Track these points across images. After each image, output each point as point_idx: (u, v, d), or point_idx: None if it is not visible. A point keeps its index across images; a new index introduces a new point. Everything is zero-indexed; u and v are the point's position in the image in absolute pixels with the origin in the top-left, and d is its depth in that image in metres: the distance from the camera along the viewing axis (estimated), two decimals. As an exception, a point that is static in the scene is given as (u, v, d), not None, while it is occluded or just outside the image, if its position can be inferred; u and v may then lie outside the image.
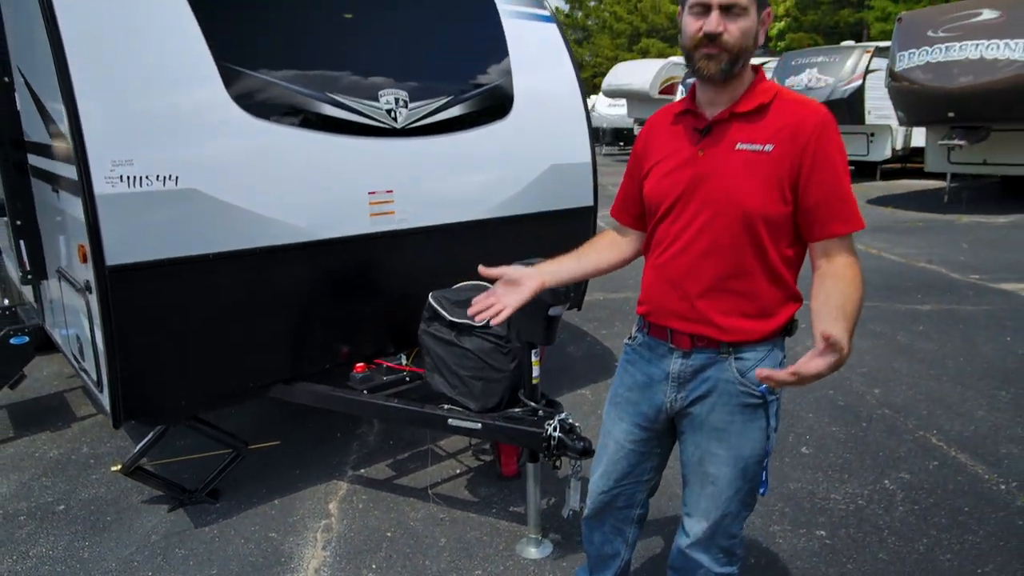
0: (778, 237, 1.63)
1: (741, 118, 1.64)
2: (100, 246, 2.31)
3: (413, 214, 3.11)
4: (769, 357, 1.71)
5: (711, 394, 1.73)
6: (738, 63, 1.59)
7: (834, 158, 1.58)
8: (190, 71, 2.52)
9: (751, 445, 1.73)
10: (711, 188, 1.64)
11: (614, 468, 1.95)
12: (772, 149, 1.58)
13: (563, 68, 3.80)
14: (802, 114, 1.60)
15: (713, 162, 1.64)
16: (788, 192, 1.59)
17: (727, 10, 1.54)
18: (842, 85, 14.82)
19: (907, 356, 4.84)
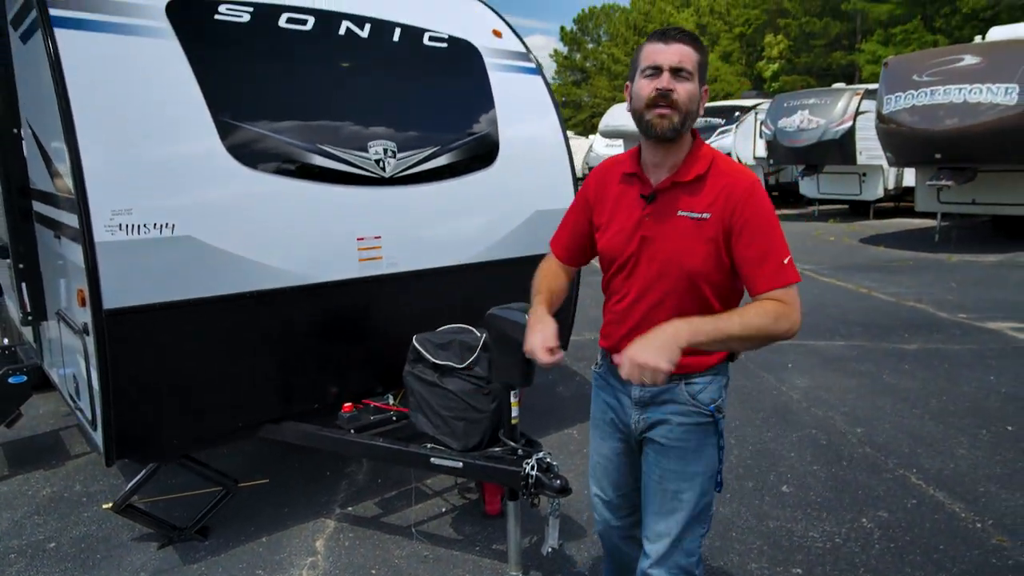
0: (720, 291, 1.84)
1: (682, 187, 1.82)
2: (98, 290, 2.43)
3: (401, 259, 3.24)
4: (715, 381, 1.93)
5: (668, 416, 1.93)
6: (686, 123, 1.77)
7: (763, 220, 1.75)
8: (188, 124, 2.67)
9: (706, 461, 1.93)
10: (657, 250, 1.83)
11: (610, 477, 2.15)
12: (709, 217, 1.78)
13: (548, 118, 3.96)
14: (732, 183, 1.78)
15: (658, 227, 1.84)
16: (724, 254, 1.78)
17: (676, 72, 1.74)
18: (833, 126, 15.13)
19: (891, 395, 4.91)
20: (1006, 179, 11.40)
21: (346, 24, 3.30)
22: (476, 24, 3.94)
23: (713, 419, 1.91)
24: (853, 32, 32.11)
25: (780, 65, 34.95)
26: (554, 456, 2.66)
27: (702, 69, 1.79)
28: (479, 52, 3.79)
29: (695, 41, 1.79)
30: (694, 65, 1.75)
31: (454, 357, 2.83)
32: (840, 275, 9.47)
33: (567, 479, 2.56)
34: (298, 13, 3.14)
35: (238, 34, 2.94)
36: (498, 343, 2.57)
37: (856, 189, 16.25)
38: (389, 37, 3.44)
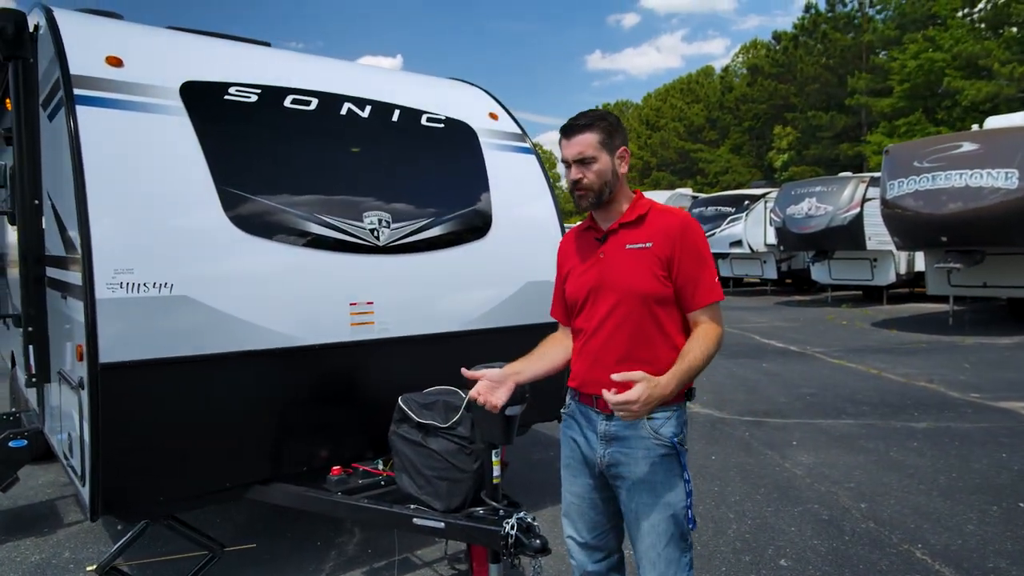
0: (669, 312, 2.07)
1: (627, 226, 2.14)
2: (96, 344, 2.53)
3: (392, 324, 3.33)
4: (674, 416, 2.10)
5: (633, 450, 2.07)
6: (603, 194, 2.10)
7: (695, 248, 2.06)
8: (192, 193, 2.86)
9: (675, 492, 2.06)
10: (611, 280, 2.10)
11: (584, 517, 2.23)
12: (651, 245, 2.07)
13: (540, 194, 4.15)
14: (670, 218, 2.11)
15: (610, 261, 2.12)
16: (667, 275, 2.05)
17: (581, 162, 2.07)
18: (841, 213, 15.36)
19: (898, 471, 4.80)
20: (1017, 261, 11.43)
21: (348, 105, 3.55)
22: (473, 107, 4.20)
23: (676, 451, 2.06)
24: (859, 125, 33.03)
25: (789, 156, 35.82)
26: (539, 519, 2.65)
27: (607, 142, 2.08)
28: (475, 132, 4.02)
29: (594, 122, 2.07)
30: (595, 147, 2.06)
31: (438, 417, 2.87)
32: (850, 357, 9.39)
33: (547, 539, 2.54)
34: (303, 95, 3.40)
35: (245, 113, 3.17)
36: (479, 401, 2.61)
37: (868, 274, 16.31)
38: (388, 117, 3.68)
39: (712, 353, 2.01)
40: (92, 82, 2.81)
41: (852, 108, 32.40)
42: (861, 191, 15.23)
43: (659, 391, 1.90)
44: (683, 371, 1.96)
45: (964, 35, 26.25)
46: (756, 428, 5.99)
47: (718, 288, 2.08)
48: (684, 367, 1.96)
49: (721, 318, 2.09)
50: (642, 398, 1.87)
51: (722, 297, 2.09)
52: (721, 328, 2.07)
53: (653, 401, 1.89)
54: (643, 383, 1.89)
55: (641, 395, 1.87)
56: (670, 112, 50.47)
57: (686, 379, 1.97)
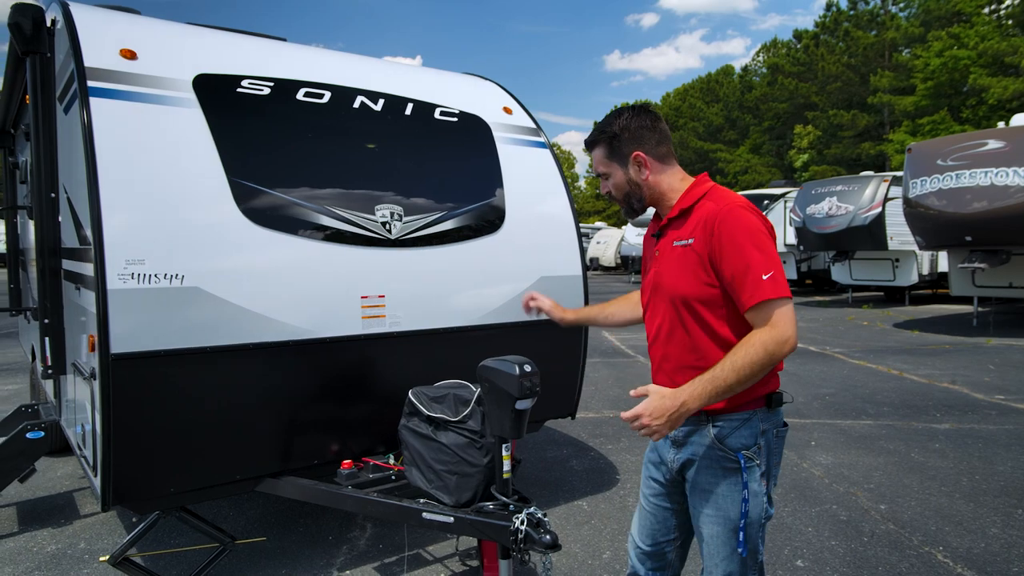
0: (722, 314, 1.89)
1: (673, 222, 2.03)
2: (107, 335, 2.54)
3: (404, 318, 3.32)
4: (746, 426, 1.91)
5: (697, 458, 1.97)
6: (631, 203, 2.07)
7: (733, 239, 1.83)
8: (204, 185, 2.85)
9: (735, 508, 1.91)
10: (661, 281, 2.01)
11: (644, 522, 2.18)
12: (693, 241, 1.91)
13: (555, 188, 4.11)
14: (711, 207, 1.91)
15: (662, 261, 2.03)
16: (712, 273, 1.87)
17: (600, 175, 2.11)
18: (862, 212, 15.14)
19: (919, 473, 4.70)
20: (1043, 261, 11.20)
21: (361, 99, 3.53)
22: (487, 101, 4.18)
23: (739, 465, 1.89)
24: (881, 123, 32.59)
25: (810, 155, 35.43)
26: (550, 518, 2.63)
27: (614, 155, 2.04)
28: (488, 126, 4.00)
29: (597, 138, 2.06)
30: (604, 163, 2.07)
31: (448, 410, 2.85)
32: (870, 357, 9.24)
33: (557, 535, 2.50)
34: (315, 88, 3.39)
35: (257, 105, 3.17)
36: (490, 394, 2.58)
37: (890, 275, 16.07)
38: (401, 111, 3.67)
39: (757, 361, 1.75)
40: (106, 74, 2.82)
41: (874, 107, 31.99)
42: (883, 190, 15.01)
43: (672, 403, 1.77)
44: (706, 382, 1.77)
45: (990, 32, 25.81)
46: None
47: (768, 285, 1.77)
48: (708, 377, 1.78)
49: (779, 319, 1.78)
50: (647, 412, 1.78)
51: (776, 294, 1.77)
52: (779, 330, 1.77)
53: (670, 416, 1.77)
54: (651, 396, 1.82)
55: (645, 409, 1.79)
56: (689, 112, 50.15)
57: (712, 391, 1.77)
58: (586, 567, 3.43)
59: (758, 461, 1.91)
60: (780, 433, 1.99)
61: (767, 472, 1.95)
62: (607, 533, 3.81)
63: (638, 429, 1.80)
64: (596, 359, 9.29)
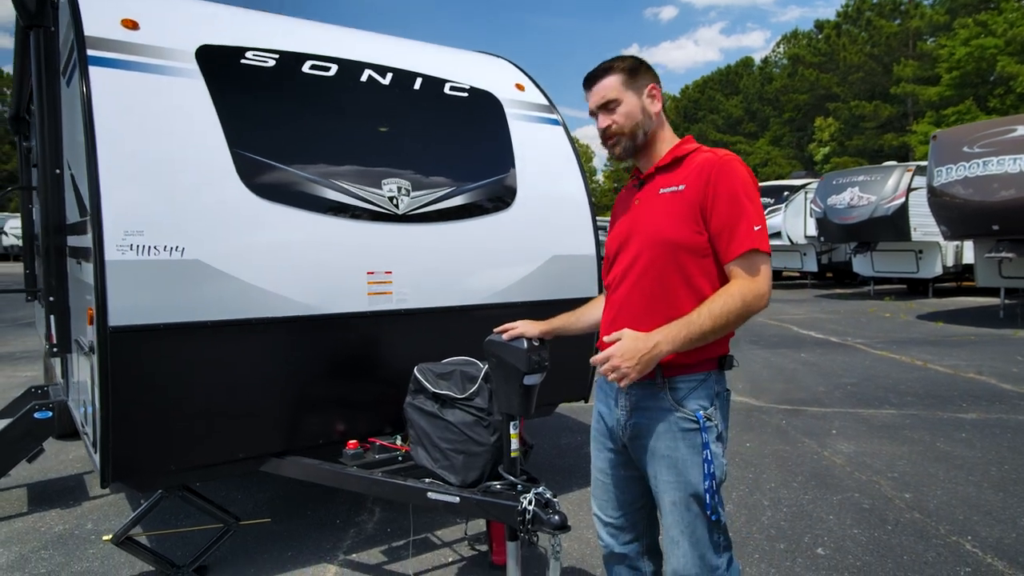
0: (701, 264, 1.85)
1: (663, 170, 1.97)
2: (105, 307, 2.48)
3: (411, 295, 3.23)
4: (702, 387, 1.87)
5: (653, 421, 1.90)
6: (637, 137, 1.96)
7: (733, 188, 1.81)
8: (205, 156, 2.78)
9: (696, 471, 1.85)
10: (641, 228, 1.94)
11: (607, 496, 2.10)
12: (684, 188, 1.88)
13: (568, 166, 4.00)
14: (707, 157, 1.89)
15: (644, 208, 1.97)
16: (700, 221, 1.84)
17: (605, 107, 1.95)
18: (885, 203, 14.84)
19: (945, 462, 4.54)
20: (1074, 251, 10.88)
21: (368, 72, 3.45)
22: (498, 77, 4.07)
23: (699, 426, 1.84)
24: (904, 114, 32.00)
25: (831, 147, 34.90)
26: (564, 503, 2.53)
27: (630, 81, 1.94)
28: (500, 102, 3.89)
29: (612, 64, 1.95)
30: (618, 89, 1.93)
31: (455, 387, 2.76)
32: (893, 348, 9.04)
33: (566, 516, 2.41)
34: (322, 61, 3.31)
35: (262, 77, 3.10)
36: (497, 370, 2.49)
37: (913, 267, 15.74)
38: (410, 85, 3.57)
39: (734, 311, 1.74)
40: (106, 43, 2.76)
41: (897, 97, 31.42)
42: (907, 180, 14.70)
43: (644, 345, 1.71)
44: (681, 326, 1.73)
45: (1019, 18, 25.18)
46: (793, 417, 5.76)
47: (758, 236, 1.79)
48: (683, 322, 1.74)
49: (761, 272, 1.79)
50: (619, 353, 1.72)
51: (763, 247, 1.79)
52: (758, 283, 1.78)
53: (641, 357, 1.70)
54: (625, 338, 1.75)
55: (617, 350, 1.72)
56: (708, 104, 49.62)
57: (688, 335, 1.73)
58: (598, 553, 3.32)
59: (715, 422, 1.88)
60: (727, 396, 1.96)
61: (720, 434, 1.90)
62: (620, 519, 3.71)
63: (608, 372, 1.74)
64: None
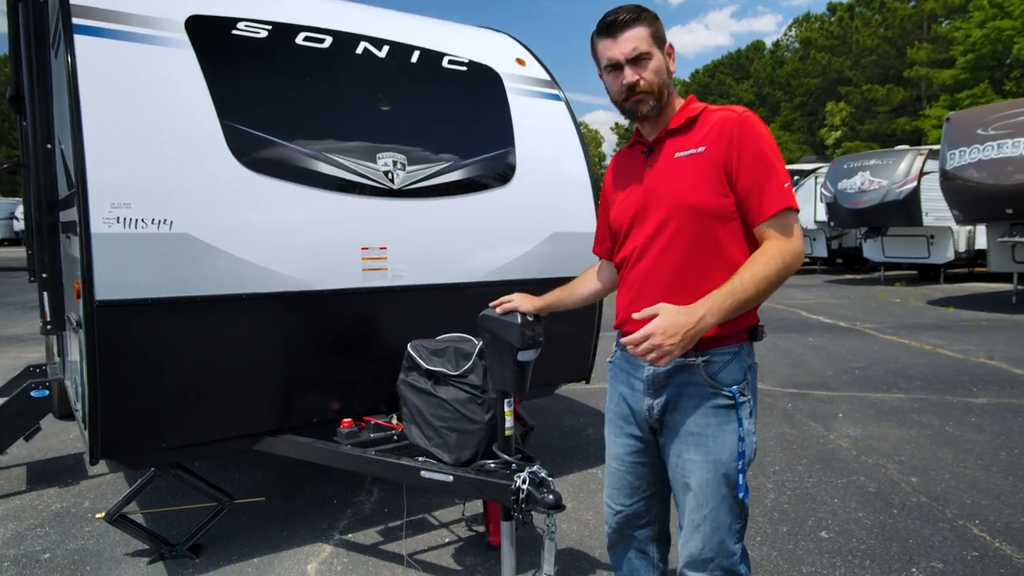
0: (730, 229, 1.74)
1: (675, 133, 1.84)
2: (91, 281, 2.43)
3: (407, 272, 3.17)
4: (736, 360, 1.78)
5: (683, 399, 1.80)
6: (663, 96, 1.82)
7: (758, 145, 1.71)
8: (195, 126, 2.72)
9: (728, 449, 1.76)
10: (659, 196, 1.81)
11: (620, 484, 2.00)
12: (704, 149, 1.75)
13: (569, 142, 3.91)
14: (724, 114, 1.77)
15: (658, 175, 1.83)
16: (725, 183, 1.73)
17: (635, 61, 1.79)
18: (896, 187, 14.63)
19: (954, 446, 4.46)
20: (1088, 236, 10.69)
21: (364, 44, 3.37)
22: (498, 51, 3.98)
23: (735, 402, 1.76)
24: (918, 98, 31.55)
25: (843, 132, 34.48)
26: (564, 485, 2.48)
27: (657, 36, 1.81)
28: (499, 77, 3.81)
29: (640, 14, 1.80)
30: (648, 42, 1.79)
31: (448, 364, 2.70)
32: (903, 333, 8.92)
33: (561, 495, 2.35)
34: (316, 32, 3.23)
35: (254, 48, 3.02)
36: (490, 346, 2.43)
37: (924, 252, 15.53)
38: (407, 58, 3.49)
39: (776, 272, 1.64)
40: (92, 12, 2.69)
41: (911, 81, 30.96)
42: (919, 164, 14.47)
43: (688, 319, 1.58)
44: (725, 295, 1.62)
45: (1036, 0, 24.69)
46: (800, 400, 5.68)
47: (788, 193, 1.70)
48: (726, 290, 1.62)
49: (795, 230, 1.71)
50: (660, 330, 1.58)
51: (795, 205, 1.70)
52: (794, 242, 1.69)
53: (686, 333, 1.58)
54: (664, 314, 1.62)
55: (658, 327, 1.58)
56: (718, 88, 49.12)
57: (731, 305, 1.61)
58: (598, 534, 3.28)
59: (748, 397, 1.79)
60: (756, 369, 1.87)
61: (753, 411, 1.81)
62: (621, 501, 3.66)
63: (646, 352, 1.60)
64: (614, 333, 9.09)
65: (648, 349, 1.60)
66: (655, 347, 1.59)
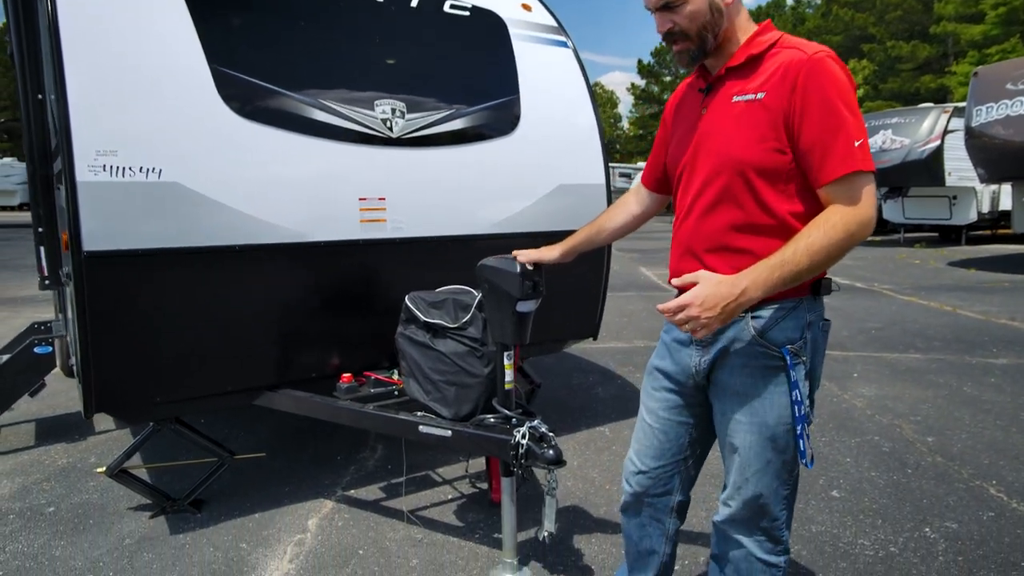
0: (784, 190, 1.56)
1: (735, 72, 1.63)
2: (79, 232, 2.36)
3: (407, 224, 3.07)
4: (791, 317, 1.61)
5: (731, 356, 1.67)
6: (706, 42, 1.63)
7: (826, 96, 1.48)
8: (183, 71, 2.61)
9: (776, 412, 1.62)
10: (710, 146, 1.64)
11: (649, 442, 1.90)
12: (764, 96, 1.55)
13: (576, 91, 3.76)
14: (792, 55, 1.54)
15: (713, 119, 1.65)
16: (784, 137, 1.53)
17: (665, 7, 1.62)
18: (919, 146, 14.24)
19: (972, 407, 4.35)
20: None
21: (361, -14, 3.22)
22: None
23: (785, 362, 1.60)
24: (944, 55, 30.56)
25: (865, 91, 33.57)
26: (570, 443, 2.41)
27: None
28: (504, 22, 3.64)
29: None
30: None
31: (447, 316, 2.62)
32: (921, 294, 8.73)
33: (561, 451, 2.28)
34: (310, -27, 3.08)
35: (244, -11, 2.89)
36: (489, 296, 2.34)
37: (946, 213, 15.18)
38: (406, 2, 3.34)
39: (836, 243, 1.47)
40: (73, -51, 2.56)
41: (937, 37, 29.93)
42: (943, 122, 14.05)
43: (729, 290, 1.47)
44: (773, 267, 1.47)
45: (1073, -51, 23.64)
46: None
47: (859, 154, 1.48)
48: (775, 261, 1.47)
49: (864, 196, 1.48)
50: (698, 301, 1.48)
51: (867, 167, 1.48)
52: (862, 209, 1.48)
53: (725, 306, 1.47)
54: (703, 283, 1.51)
55: (696, 298, 1.48)
56: (737, 47, 47.78)
57: (779, 279, 1.47)
58: (603, 492, 3.23)
59: (804, 358, 1.62)
60: (824, 327, 1.68)
61: (811, 371, 1.65)
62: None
63: (682, 323, 1.51)
64: (631, 292, 8.99)
65: (683, 320, 1.50)
66: (691, 319, 1.49)
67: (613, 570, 2.52)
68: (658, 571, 2.02)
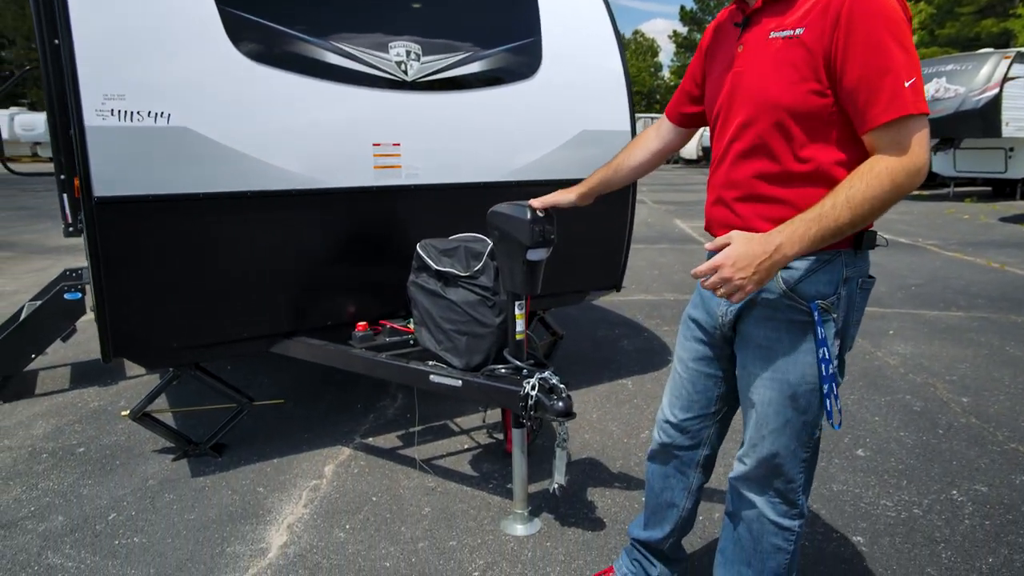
0: (823, 136, 1.43)
1: (772, 4, 1.49)
2: (89, 178, 2.35)
3: (422, 170, 3.00)
4: (825, 270, 1.50)
5: (757, 306, 1.58)
6: None
7: (872, 31, 1.32)
8: (192, 15, 2.54)
9: (799, 370, 1.53)
10: (745, 86, 1.52)
11: (679, 393, 1.85)
12: (803, 32, 1.40)
13: (601, 32, 3.58)
14: None
15: (749, 57, 1.52)
16: (825, 79, 1.39)
17: None
18: (974, 95, 13.48)
19: (1014, 367, 4.17)
20: None
21: (375, -79, 3.08)
22: (526, -69, 3.62)
23: (812, 318, 1.49)
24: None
25: (920, 36, 31.85)
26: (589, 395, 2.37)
27: None
28: (526, -41, 3.47)
29: None
30: None
31: (458, 264, 2.57)
32: (968, 250, 8.38)
33: (572, 402, 2.24)
34: (322, -93, 2.96)
35: (254, -76, 2.79)
36: (500, 243, 2.28)
37: (1000, 166, 14.45)
38: (423, -62, 3.20)
39: (880, 195, 1.34)
40: None
41: (1003, -24, 28.08)
42: (1002, 69, 13.23)
43: (762, 248, 1.36)
44: (810, 221, 1.35)
45: None
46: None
47: (910, 95, 1.32)
48: (812, 215, 1.36)
49: (914, 142, 1.33)
50: (731, 261, 1.37)
51: (918, 109, 1.32)
52: (911, 158, 1.33)
53: (760, 265, 1.36)
54: (736, 242, 1.40)
55: (728, 258, 1.38)
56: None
57: (817, 234, 1.35)
58: (621, 445, 3.20)
59: (835, 315, 1.51)
60: (865, 284, 1.55)
61: (843, 330, 1.54)
62: (649, 413, 3.56)
63: (715, 286, 1.41)
64: (664, 245, 8.80)
65: (716, 283, 1.41)
66: (724, 280, 1.39)
67: (626, 524, 2.50)
68: (675, 526, 1.98)
